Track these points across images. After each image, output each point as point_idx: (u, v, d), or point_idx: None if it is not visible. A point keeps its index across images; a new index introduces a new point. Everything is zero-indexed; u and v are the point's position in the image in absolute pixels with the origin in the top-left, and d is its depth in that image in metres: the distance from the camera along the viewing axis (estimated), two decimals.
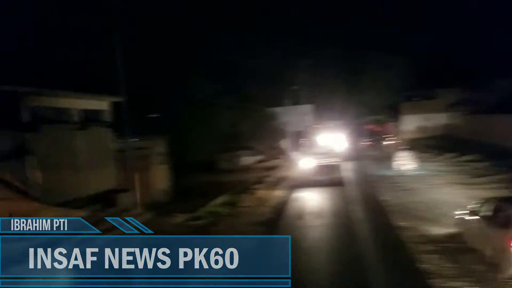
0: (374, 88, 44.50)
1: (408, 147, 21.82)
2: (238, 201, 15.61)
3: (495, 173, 15.93)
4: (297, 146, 29.71)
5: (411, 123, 45.04)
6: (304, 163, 18.22)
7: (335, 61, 44.41)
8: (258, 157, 32.31)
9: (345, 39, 50.20)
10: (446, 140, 31.72)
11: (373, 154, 27.17)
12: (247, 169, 27.54)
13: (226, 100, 29.43)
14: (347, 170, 19.90)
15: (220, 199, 15.53)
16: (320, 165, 17.78)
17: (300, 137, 32.50)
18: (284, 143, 30.83)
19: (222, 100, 28.74)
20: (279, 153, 32.72)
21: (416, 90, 43.65)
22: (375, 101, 46.19)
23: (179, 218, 12.60)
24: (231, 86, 32.08)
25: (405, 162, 18.99)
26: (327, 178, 17.13)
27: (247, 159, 30.21)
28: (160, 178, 16.54)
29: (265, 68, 36.53)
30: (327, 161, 17.96)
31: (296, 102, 39.27)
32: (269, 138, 34.32)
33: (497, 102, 34.88)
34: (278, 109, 33.44)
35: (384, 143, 27.73)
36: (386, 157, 21.71)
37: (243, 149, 30.70)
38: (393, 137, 34.49)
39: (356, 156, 26.38)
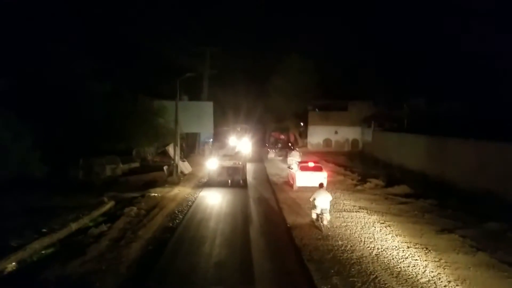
0: (283, 93, 39.97)
1: (299, 154, 26.70)
2: None
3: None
4: (198, 149, 31.27)
5: (318, 135, 41.59)
6: (210, 165, 19.10)
7: (245, 59, 38.86)
8: (135, 165, 24.07)
9: (256, 38, 45.22)
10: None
11: (273, 157, 32.52)
12: (112, 182, 19.28)
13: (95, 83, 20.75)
14: (250, 167, 24.81)
15: None
16: (225, 167, 18.81)
17: (201, 140, 32.76)
18: (173, 148, 23.14)
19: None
20: (166, 160, 25.01)
21: (327, 99, 40.18)
22: (283, 108, 41.83)
23: None
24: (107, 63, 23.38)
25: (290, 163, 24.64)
26: (231, 178, 18.65)
27: (116, 168, 21.77)
28: None
29: (157, 48, 28.61)
30: (232, 163, 18.88)
31: (194, 97, 32.09)
32: (153, 140, 26.26)
33: (409, 121, 33.15)
34: (168, 103, 25.15)
35: (285, 150, 31.14)
36: (281, 160, 27.72)
37: (113, 154, 22.15)
38: (294, 146, 39.55)
39: (259, 158, 31.15)
